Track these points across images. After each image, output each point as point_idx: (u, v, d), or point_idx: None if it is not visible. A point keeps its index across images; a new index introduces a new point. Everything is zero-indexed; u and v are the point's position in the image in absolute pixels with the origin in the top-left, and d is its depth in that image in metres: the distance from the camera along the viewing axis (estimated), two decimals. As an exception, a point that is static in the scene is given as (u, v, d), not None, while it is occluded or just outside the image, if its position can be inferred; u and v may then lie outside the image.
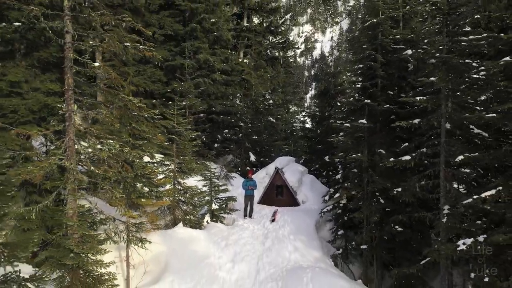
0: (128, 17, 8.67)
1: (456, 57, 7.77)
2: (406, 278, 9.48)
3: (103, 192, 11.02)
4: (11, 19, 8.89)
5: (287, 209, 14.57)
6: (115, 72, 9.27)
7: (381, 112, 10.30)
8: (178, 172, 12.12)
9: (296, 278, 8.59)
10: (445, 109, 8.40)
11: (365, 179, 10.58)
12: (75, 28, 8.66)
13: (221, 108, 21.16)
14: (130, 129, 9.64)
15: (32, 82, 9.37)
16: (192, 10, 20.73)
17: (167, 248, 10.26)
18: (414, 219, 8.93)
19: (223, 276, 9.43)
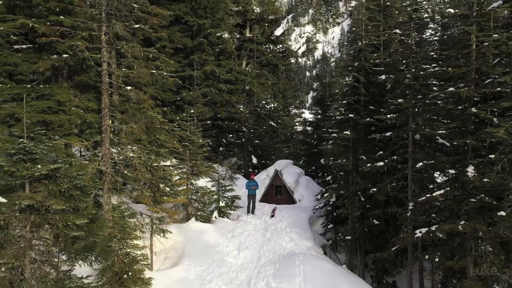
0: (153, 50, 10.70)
1: (418, 84, 9.70)
2: (381, 263, 11.41)
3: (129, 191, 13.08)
4: (58, 50, 10.89)
5: (285, 206, 16.58)
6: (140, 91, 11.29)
7: (363, 124, 12.25)
8: (191, 174, 14.12)
9: (290, 261, 10.56)
10: (411, 124, 10.33)
11: (350, 180, 12.53)
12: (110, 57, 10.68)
13: (226, 115, 23.16)
14: (154, 139, 11.64)
15: (73, 101, 11.38)
16: (199, 26, 22.63)
17: (183, 238, 12.26)
18: (387, 213, 10.87)
19: (230, 261, 11.40)
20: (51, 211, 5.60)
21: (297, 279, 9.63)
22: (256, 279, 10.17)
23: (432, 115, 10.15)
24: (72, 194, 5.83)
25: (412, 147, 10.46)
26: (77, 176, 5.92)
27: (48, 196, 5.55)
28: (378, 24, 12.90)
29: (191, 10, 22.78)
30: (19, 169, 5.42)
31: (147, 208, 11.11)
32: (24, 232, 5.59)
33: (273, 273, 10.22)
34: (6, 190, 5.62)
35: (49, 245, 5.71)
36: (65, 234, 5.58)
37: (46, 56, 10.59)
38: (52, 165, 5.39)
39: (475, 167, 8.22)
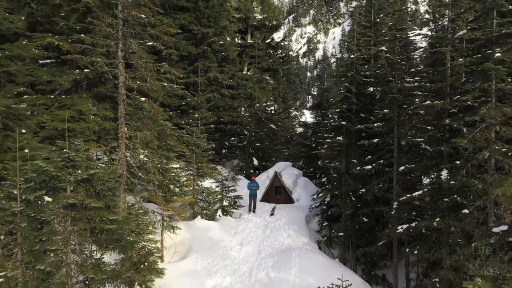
0: (165, 65, 11.92)
1: (401, 96, 10.90)
2: (370, 256, 12.61)
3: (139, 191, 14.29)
4: (79, 65, 12.11)
5: (283, 205, 17.78)
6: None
7: (354, 131, 13.44)
8: (197, 176, 15.33)
9: (287, 254, 11.76)
10: (396, 132, 11.51)
11: (342, 182, 13.71)
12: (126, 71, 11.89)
13: (228, 119, 24.38)
14: (164, 145, 12.86)
15: (92, 110, 12.60)
16: (203, 34, 23.85)
17: (190, 235, 13.46)
18: (375, 212, 12.08)
19: (234, 255, 12.60)
20: (88, 208, 6.82)
21: (293, 270, 10.84)
22: (257, 270, 11.38)
23: (414, 123, 11.34)
24: (104, 194, 7.05)
25: (397, 152, 11.66)
26: (108, 179, 7.14)
27: (86, 196, 6.78)
28: (369, 39, 14.09)
29: (195, 19, 24.00)
30: (63, 174, 6.64)
31: (157, 207, 12.32)
32: (66, 225, 6.83)
33: (272, 265, 11.42)
34: (52, 191, 6.84)
35: (86, 236, 6.93)
36: (101, 227, 6.80)
37: (69, 70, 11.80)
38: (91, 170, 6.60)
39: (448, 171, 9.42)
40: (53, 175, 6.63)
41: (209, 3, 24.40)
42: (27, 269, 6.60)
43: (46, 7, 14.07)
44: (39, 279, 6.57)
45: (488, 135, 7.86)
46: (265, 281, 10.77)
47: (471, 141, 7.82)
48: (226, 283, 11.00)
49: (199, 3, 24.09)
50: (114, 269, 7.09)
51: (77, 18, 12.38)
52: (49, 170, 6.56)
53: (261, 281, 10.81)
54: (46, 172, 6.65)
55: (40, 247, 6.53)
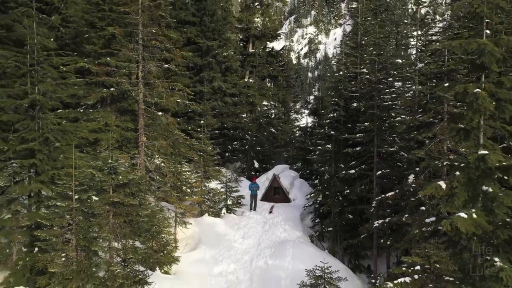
0: (179, 84, 13.96)
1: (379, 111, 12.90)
2: (354, 248, 14.60)
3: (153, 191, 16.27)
4: (106, 84, 14.15)
5: (281, 204, 19.82)
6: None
7: (342, 139, 15.41)
8: (204, 178, 17.36)
9: (283, 246, 13.79)
10: (376, 141, 13.51)
11: (332, 184, 15.70)
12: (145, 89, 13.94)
13: (231, 125, 26.39)
14: (177, 151, 14.89)
15: (115, 122, 14.63)
16: (208, 47, 25.85)
17: (199, 229, 15.49)
18: (358, 210, 14.07)
19: (237, 246, 14.64)
20: (126, 205, 8.87)
21: (287, 258, 12.87)
22: (257, 259, 13.42)
23: (391, 134, 13.35)
24: (138, 194, 9.10)
25: (377, 159, 13.66)
26: (141, 182, 9.20)
27: (124, 195, 8.83)
28: (355, 59, 16.06)
29: (201, 32, 26.03)
30: (108, 179, 8.69)
31: (169, 205, 14.34)
32: (109, 218, 8.88)
33: (270, 254, 13.46)
34: (98, 192, 8.90)
35: (125, 227, 8.99)
36: (136, 220, 8.86)
37: (98, 88, 13.85)
38: (129, 176, 8.65)
39: (414, 175, 11.43)
40: (100, 180, 8.69)
41: (213, 18, 26.41)
42: (81, 251, 8.66)
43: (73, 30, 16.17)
44: (90, 259, 8.65)
45: (441, 148, 9.86)
46: (264, 267, 12.81)
47: (427, 153, 9.81)
48: (231, 269, 13.04)
49: (204, 18, 26.11)
50: (146, 252, 9.14)
51: (103, 43, 14.43)
52: (98, 176, 8.62)
53: (260, 267, 12.85)
54: (95, 178, 8.71)
55: (92, 235, 8.61)
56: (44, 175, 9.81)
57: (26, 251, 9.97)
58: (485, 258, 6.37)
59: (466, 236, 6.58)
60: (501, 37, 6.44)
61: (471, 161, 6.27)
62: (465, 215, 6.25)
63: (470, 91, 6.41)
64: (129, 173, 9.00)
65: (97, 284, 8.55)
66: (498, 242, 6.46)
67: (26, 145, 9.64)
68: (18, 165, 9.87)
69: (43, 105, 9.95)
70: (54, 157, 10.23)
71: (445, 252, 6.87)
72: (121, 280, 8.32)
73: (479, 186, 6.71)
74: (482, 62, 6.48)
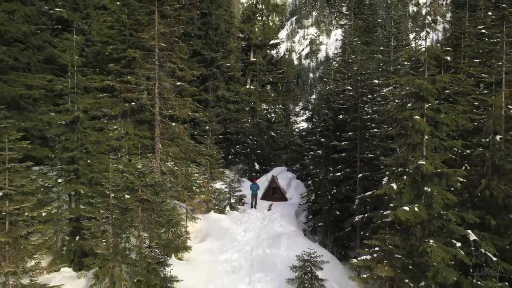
0: (189, 99, 16.23)
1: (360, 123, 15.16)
2: (340, 239, 16.86)
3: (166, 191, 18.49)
4: (127, 99, 16.45)
5: (279, 203, 22.09)
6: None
7: (331, 146, 17.64)
8: (210, 179, 19.67)
9: (279, 238, 16.05)
10: (359, 148, 15.76)
11: (322, 184, 17.93)
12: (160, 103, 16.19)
13: (234, 130, 28.70)
14: (188, 156, 17.19)
15: (134, 131, 16.94)
16: (212, 58, 28.12)
17: (207, 224, 17.78)
18: (344, 207, 16.33)
19: (239, 239, 16.91)
20: (152, 202, 11.17)
21: (282, 248, 15.12)
22: (256, 249, 15.68)
23: (371, 142, 15.61)
24: (161, 193, 11.41)
25: (359, 163, 15.93)
26: (163, 184, 11.50)
27: (151, 194, 11.13)
28: (343, 75, 18.29)
29: (206, 45, 28.33)
30: (137, 181, 11.00)
31: (179, 203, 16.63)
32: (138, 212, 11.19)
33: (268, 245, 15.72)
34: (130, 191, 11.20)
35: (151, 219, 11.30)
36: (160, 214, 11.16)
37: (121, 103, 16.17)
38: (155, 178, 10.96)
39: (388, 178, 13.67)
40: (132, 181, 11.00)
41: (217, 31, 28.72)
42: (117, 238, 10.96)
43: (95, 48, 18.50)
44: (124, 244, 10.95)
45: (406, 156, 12.10)
46: (262, 255, 15.07)
47: (395, 160, 12.05)
48: (234, 257, 15.30)
49: (209, 32, 28.42)
50: (167, 239, 11.45)
51: (124, 64, 16.75)
52: (130, 178, 10.94)
53: (259, 255, 15.11)
54: (128, 180, 11.03)
55: (125, 225, 10.93)
56: (84, 178, 12.12)
57: (68, 239, 12.28)
58: (424, 240, 8.58)
59: (412, 224, 8.83)
60: (437, 78, 8.66)
61: (412, 169, 8.48)
62: (407, 208, 8.48)
63: (413, 116, 8.64)
64: (154, 177, 11.29)
65: (130, 264, 10.87)
66: (434, 228, 8.67)
67: (69, 153, 11.95)
68: (62, 169, 12.19)
69: (82, 121, 12.27)
70: (91, 163, 12.54)
71: (397, 237, 9.13)
72: (149, 260, 10.64)
73: (422, 187, 8.94)
74: (422, 95, 8.70)
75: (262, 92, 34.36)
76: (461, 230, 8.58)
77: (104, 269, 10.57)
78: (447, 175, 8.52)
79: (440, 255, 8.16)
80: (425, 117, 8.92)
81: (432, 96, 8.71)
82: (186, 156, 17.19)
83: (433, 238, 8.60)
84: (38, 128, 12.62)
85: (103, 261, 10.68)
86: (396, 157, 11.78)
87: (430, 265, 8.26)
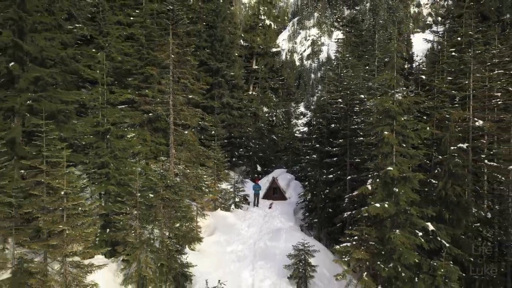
0: (199, 110, 18.50)
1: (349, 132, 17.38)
2: (332, 233, 19.10)
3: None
4: (145, 111, 18.71)
5: (279, 202, 24.36)
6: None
7: (325, 151, 19.83)
8: (217, 180, 21.93)
9: (278, 232, 18.30)
10: (348, 153, 17.97)
11: (317, 185, 20.14)
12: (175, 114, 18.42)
13: (237, 134, 30.96)
14: (198, 160, 19.45)
15: (151, 138, 19.22)
16: (218, 68, 30.38)
17: (214, 220, 20.06)
18: (335, 205, 18.57)
19: (243, 233, 19.16)
20: (172, 200, 13.44)
21: (281, 241, 17.37)
22: (259, 241, 17.92)
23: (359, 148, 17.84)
24: (179, 193, 13.67)
25: (349, 167, 18.15)
26: (181, 185, 13.77)
27: (171, 194, 13.41)
28: (336, 87, 20.48)
29: (211, 55, 30.56)
30: (159, 182, 13.27)
31: (192, 202, 18.89)
32: (160, 209, 13.46)
33: (268, 238, 17.98)
34: (154, 191, 13.48)
35: (171, 214, 13.57)
36: (179, 210, 13.43)
37: (140, 114, 18.45)
38: (175, 181, 13.23)
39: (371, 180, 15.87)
40: (155, 183, 13.29)
41: (222, 43, 30.96)
42: (143, 230, 13.24)
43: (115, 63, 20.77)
44: (149, 235, 13.23)
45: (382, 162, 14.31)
46: (264, 247, 17.33)
47: (375, 165, 14.26)
48: (239, 248, 17.55)
49: (214, 43, 30.67)
50: (185, 230, 13.74)
51: (142, 79, 19.03)
52: (154, 180, 13.23)
53: (261, 247, 17.36)
54: (152, 182, 13.31)
55: (150, 219, 13.21)
56: (113, 180, 14.38)
57: (100, 231, 14.55)
58: (392, 230, 10.77)
59: (383, 217, 11.05)
60: (401, 101, 10.86)
61: (382, 173, 10.68)
62: (378, 205, 10.68)
63: (384, 132, 10.85)
64: (173, 179, 13.56)
65: (154, 251, 13.15)
66: (400, 221, 10.85)
67: (101, 159, 14.23)
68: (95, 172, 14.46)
69: (112, 132, 14.55)
70: (118, 167, 14.82)
71: (372, 228, 11.36)
72: (171, 247, 12.92)
73: (392, 188, 11.14)
74: (390, 114, 10.90)
75: (264, 98, 36.60)
76: (421, 222, 10.79)
77: (133, 255, 12.86)
78: (409, 178, 10.74)
79: (400, 240, 10.38)
80: (394, 131, 11.14)
81: (399, 114, 10.93)
82: (196, 160, 19.45)
83: (399, 229, 10.82)
84: (74, 138, 14.86)
85: (132, 249, 12.96)
86: (376, 163, 14.00)
87: (396, 250, 10.47)
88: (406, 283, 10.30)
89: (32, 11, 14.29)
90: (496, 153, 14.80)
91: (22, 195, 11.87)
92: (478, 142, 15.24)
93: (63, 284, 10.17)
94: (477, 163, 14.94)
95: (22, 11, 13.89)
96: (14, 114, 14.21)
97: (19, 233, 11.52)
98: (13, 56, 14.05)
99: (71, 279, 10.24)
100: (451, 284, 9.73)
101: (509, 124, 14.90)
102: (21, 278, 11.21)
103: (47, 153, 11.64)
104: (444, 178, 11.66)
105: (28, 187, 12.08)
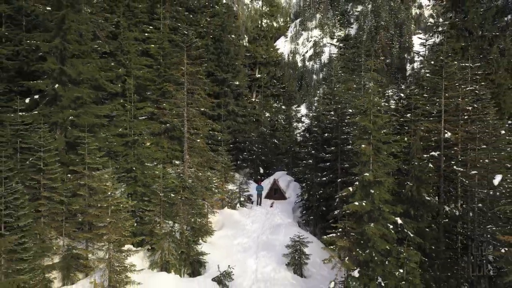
0: (210, 121, 21.31)
1: (340, 141, 20.13)
2: (325, 229, 21.82)
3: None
4: (163, 122, 21.52)
5: (279, 201, 27.13)
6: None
7: (319, 157, 22.54)
8: (225, 182, 24.72)
9: (279, 227, 21.07)
10: (339, 159, 20.68)
11: (312, 186, 22.87)
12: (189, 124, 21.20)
13: (242, 139, 33.73)
14: (208, 164, 22.25)
15: (167, 145, 22.03)
16: (224, 78, 33.16)
17: (222, 217, 22.85)
18: (328, 204, 21.34)
19: (248, 228, 21.93)
20: (189, 199, 16.24)
21: (281, 234, 20.13)
22: (261, 235, 20.70)
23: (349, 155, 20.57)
24: (196, 193, 16.47)
25: (340, 171, 20.88)
26: (196, 186, 16.57)
27: (189, 193, 16.21)
28: (330, 100, 23.22)
29: (218, 66, 33.35)
30: (179, 184, 16.06)
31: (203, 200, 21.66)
32: (180, 206, 16.26)
33: (270, 232, 20.75)
34: (174, 192, 16.27)
35: (189, 210, 16.38)
36: (195, 207, 16.23)
37: (158, 123, 21.26)
38: (192, 182, 16.03)
39: (358, 182, 18.58)
40: (176, 184, 16.09)
41: (228, 55, 33.75)
42: (166, 223, 16.03)
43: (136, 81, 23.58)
44: (171, 228, 16.03)
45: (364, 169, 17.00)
46: (266, 240, 20.10)
47: (359, 170, 16.98)
48: (244, 241, 20.32)
49: (221, 56, 33.46)
50: (200, 224, 16.55)
51: (160, 94, 21.86)
52: (175, 182, 16.04)
53: (263, 240, 20.13)
54: (173, 184, 16.12)
55: (172, 215, 16.01)
56: (140, 182, 17.19)
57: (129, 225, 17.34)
58: (368, 224, 13.48)
59: (362, 213, 13.77)
60: (375, 121, 13.60)
61: (359, 178, 13.41)
62: (357, 203, 13.39)
63: (361, 145, 13.59)
64: (191, 182, 16.34)
65: (175, 241, 15.95)
66: (375, 216, 13.55)
67: (129, 165, 17.02)
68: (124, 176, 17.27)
69: (138, 142, 17.36)
70: (144, 171, 17.63)
71: (353, 222, 14.10)
72: (189, 238, 15.72)
73: (369, 189, 13.85)
74: (367, 130, 13.64)
75: (266, 104, 39.39)
76: (392, 217, 13.50)
77: (159, 244, 15.66)
78: (382, 182, 13.47)
79: (374, 231, 13.10)
80: (371, 144, 13.87)
81: (375, 131, 13.67)
82: (206, 164, 22.24)
83: (374, 222, 13.55)
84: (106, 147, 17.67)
85: (157, 239, 15.76)
86: (359, 169, 16.73)
87: (371, 239, 13.20)
88: (378, 265, 13.01)
89: (71, 40, 17.13)
90: (463, 159, 17.49)
91: (70, 195, 14.70)
92: (451, 150, 17.95)
93: (108, 264, 12.97)
94: (449, 168, 17.65)
95: (64, 40, 16.74)
96: (57, 127, 17.08)
97: (68, 226, 14.35)
98: (56, 79, 16.91)
99: (114, 261, 13.03)
100: (411, 264, 12.45)
101: (476, 135, 17.57)
102: (70, 261, 14.08)
103: (89, 160, 14.45)
104: (411, 182, 14.38)
105: (74, 188, 14.92)
